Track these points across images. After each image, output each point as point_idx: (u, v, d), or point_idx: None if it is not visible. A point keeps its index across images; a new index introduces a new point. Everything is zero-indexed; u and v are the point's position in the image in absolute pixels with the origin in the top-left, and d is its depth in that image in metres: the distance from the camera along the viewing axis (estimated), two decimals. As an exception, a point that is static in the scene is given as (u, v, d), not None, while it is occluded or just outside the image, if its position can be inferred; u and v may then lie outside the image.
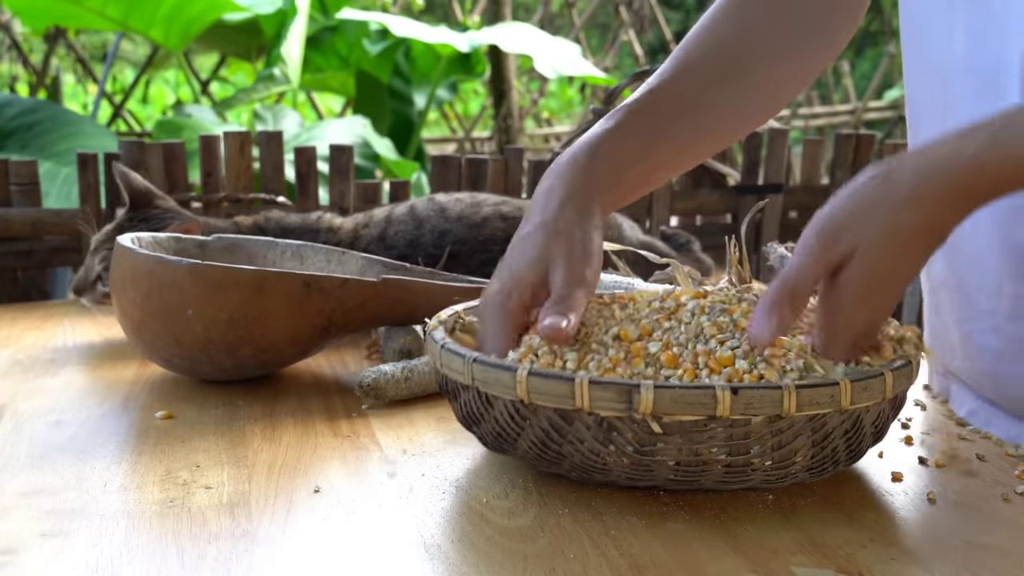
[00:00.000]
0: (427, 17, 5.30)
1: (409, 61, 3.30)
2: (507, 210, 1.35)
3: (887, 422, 0.79)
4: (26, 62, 3.49)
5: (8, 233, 1.59)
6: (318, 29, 3.18)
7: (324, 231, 1.35)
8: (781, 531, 0.72)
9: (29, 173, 1.61)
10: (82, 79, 4.42)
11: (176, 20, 2.72)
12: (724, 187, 1.84)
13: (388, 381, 0.99)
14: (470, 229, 1.32)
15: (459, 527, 0.73)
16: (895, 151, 1.92)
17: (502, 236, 1.31)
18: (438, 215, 1.33)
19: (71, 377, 1.11)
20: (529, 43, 3.07)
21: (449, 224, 1.32)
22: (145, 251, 1.02)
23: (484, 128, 4.40)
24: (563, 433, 0.74)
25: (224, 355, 1.02)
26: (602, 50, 4.89)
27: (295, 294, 1.01)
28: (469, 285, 1.09)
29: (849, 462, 0.78)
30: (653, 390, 0.70)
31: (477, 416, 0.79)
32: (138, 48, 5.61)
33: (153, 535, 0.72)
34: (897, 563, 0.67)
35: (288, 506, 0.77)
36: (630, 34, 4.23)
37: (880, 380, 0.73)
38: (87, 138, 2.39)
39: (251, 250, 1.21)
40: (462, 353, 0.78)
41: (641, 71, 1.83)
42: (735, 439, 0.72)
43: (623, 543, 0.70)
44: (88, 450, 0.89)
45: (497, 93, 3.77)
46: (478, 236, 1.32)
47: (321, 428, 0.94)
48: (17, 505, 0.78)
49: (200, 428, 0.94)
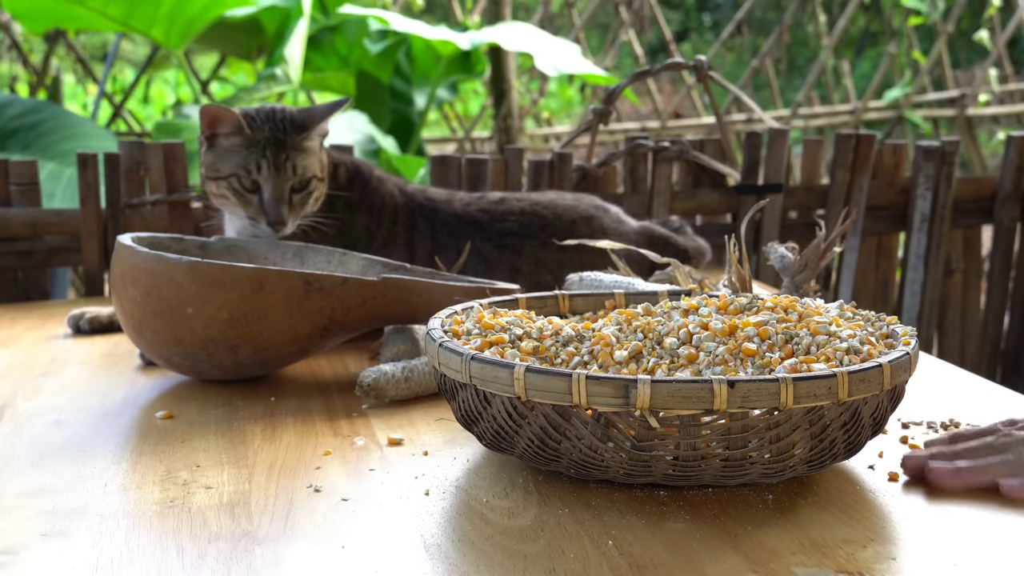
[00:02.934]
0: (427, 17, 5.30)
1: (409, 61, 3.30)
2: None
3: (886, 414, 0.79)
4: (26, 62, 3.49)
5: (8, 233, 1.59)
6: (318, 29, 3.18)
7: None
8: (781, 531, 0.72)
9: (29, 173, 1.61)
10: (82, 79, 4.42)
11: (177, 18, 2.72)
12: (724, 187, 1.83)
13: (388, 381, 0.99)
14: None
15: (459, 527, 0.73)
16: (895, 151, 1.92)
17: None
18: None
19: (71, 377, 1.11)
20: (529, 42, 3.06)
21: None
22: (145, 249, 1.02)
23: (484, 128, 4.40)
24: (561, 430, 0.74)
25: (224, 353, 1.02)
26: (602, 50, 4.89)
27: (295, 293, 1.01)
28: (469, 285, 1.09)
29: (848, 455, 0.78)
30: (650, 385, 0.70)
31: (476, 415, 0.79)
32: (138, 48, 5.61)
33: (153, 535, 0.72)
34: (897, 563, 0.67)
35: (288, 506, 0.77)
36: (630, 34, 4.23)
37: (878, 372, 0.73)
38: (88, 139, 2.39)
39: (252, 251, 1.21)
40: (459, 351, 0.78)
41: (641, 71, 1.83)
42: (733, 433, 0.72)
43: (623, 543, 0.70)
44: (88, 450, 0.89)
45: (497, 93, 3.77)
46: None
47: (321, 428, 0.94)
48: (17, 505, 0.78)
49: (200, 428, 0.94)
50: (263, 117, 1.24)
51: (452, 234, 1.32)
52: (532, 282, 1.31)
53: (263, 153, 1.22)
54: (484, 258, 1.31)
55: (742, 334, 0.79)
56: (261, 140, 1.22)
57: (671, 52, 4.33)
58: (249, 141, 1.22)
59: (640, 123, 4.34)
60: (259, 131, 1.23)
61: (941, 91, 4.95)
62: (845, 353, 0.77)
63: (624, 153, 1.79)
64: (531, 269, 1.31)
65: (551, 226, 1.33)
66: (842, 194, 1.88)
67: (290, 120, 1.25)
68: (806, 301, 0.88)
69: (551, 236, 1.32)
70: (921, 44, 5.22)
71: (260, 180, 1.22)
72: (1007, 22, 4.84)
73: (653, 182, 1.80)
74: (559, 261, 1.31)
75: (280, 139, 1.23)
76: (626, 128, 4.16)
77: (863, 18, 7.51)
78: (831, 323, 0.81)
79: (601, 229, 1.35)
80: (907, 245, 1.94)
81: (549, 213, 1.35)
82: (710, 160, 1.81)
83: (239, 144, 1.23)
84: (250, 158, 1.22)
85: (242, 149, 1.22)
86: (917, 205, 1.91)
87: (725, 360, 0.77)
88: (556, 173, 1.74)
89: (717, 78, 1.86)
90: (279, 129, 1.24)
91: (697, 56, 1.83)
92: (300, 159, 1.24)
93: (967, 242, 2.02)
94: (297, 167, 1.23)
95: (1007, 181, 1.94)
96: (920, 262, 1.93)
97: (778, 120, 4.41)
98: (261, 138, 1.22)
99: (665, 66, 1.81)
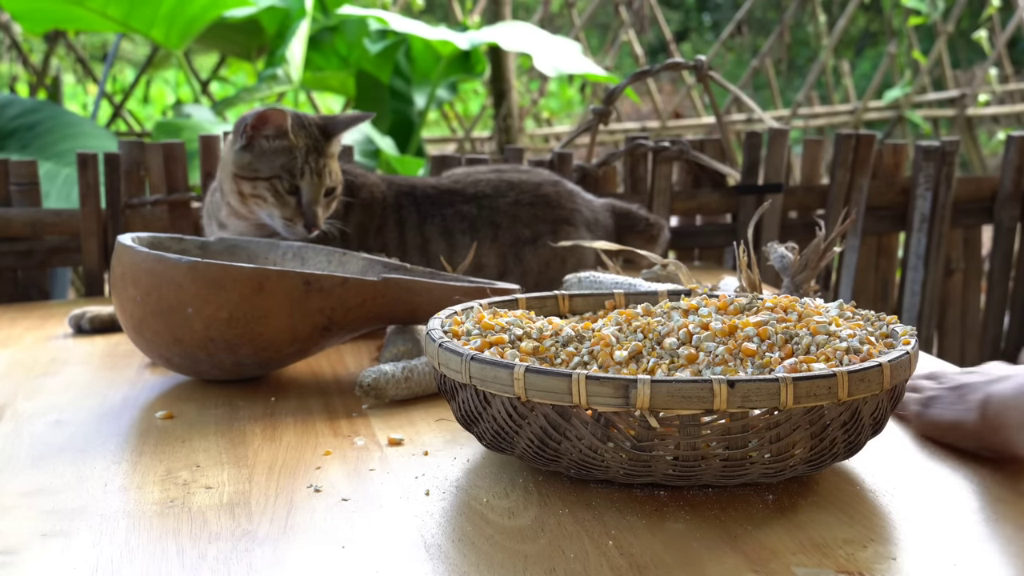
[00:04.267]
0: (427, 17, 5.30)
1: (409, 61, 3.30)
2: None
3: (886, 413, 0.79)
4: (26, 62, 3.49)
5: (8, 233, 1.59)
6: (318, 29, 3.17)
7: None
8: (781, 531, 0.72)
9: (29, 173, 1.61)
10: (82, 79, 4.42)
11: (177, 18, 2.72)
12: (724, 187, 1.83)
13: (388, 381, 0.99)
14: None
15: (459, 527, 0.73)
16: (895, 151, 1.92)
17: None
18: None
19: (71, 377, 1.11)
20: (529, 41, 3.06)
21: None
22: (145, 249, 1.02)
23: (484, 128, 4.39)
24: (561, 430, 0.74)
25: (224, 353, 1.02)
26: (602, 50, 4.89)
27: (295, 293, 1.01)
28: (469, 285, 1.09)
29: (848, 454, 0.78)
30: (650, 385, 0.70)
31: (476, 415, 0.79)
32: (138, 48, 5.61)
33: (153, 535, 0.72)
34: (897, 563, 0.67)
35: (288, 506, 0.77)
36: (630, 34, 4.23)
37: (877, 371, 0.73)
38: (87, 138, 2.39)
39: (252, 251, 1.21)
40: (459, 352, 0.78)
41: (641, 71, 1.83)
42: (733, 433, 0.72)
43: (623, 543, 0.70)
44: (88, 450, 0.89)
45: (497, 93, 3.77)
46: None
47: (321, 428, 0.94)
48: (17, 505, 0.78)
49: (200, 428, 0.94)
50: (298, 123, 1.28)
51: (434, 203, 1.40)
52: (513, 236, 1.40)
53: (305, 158, 1.26)
54: (466, 217, 1.39)
55: (742, 334, 0.79)
56: (303, 145, 1.27)
57: (671, 52, 4.33)
58: (293, 145, 1.26)
59: (640, 123, 4.34)
60: (300, 136, 1.27)
61: (941, 91, 4.95)
62: (845, 353, 0.77)
63: (624, 153, 1.79)
64: (509, 224, 1.40)
65: (519, 186, 1.43)
66: (842, 194, 1.88)
67: (319, 127, 1.30)
68: (806, 301, 0.88)
69: (521, 194, 1.42)
70: (921, 44, 5.22)
71: (302, 184, 1.26)
72: (1007, 22, 4.84)
73: (653, 182, 1.80)
74: (534, 216, 1.41)
75: (317, 145, 1.28)
76: (626, 128, 4.16)
77: (863, 18, 7.51)
78: (831, 323, 0.81)
79: (568, 191, 1.47)
80: (907, 245, 1.94)
81: (515, 177, 1.46)
82: (710, 160, 1.81)
83: (283, 147, 1.26)
84: (294, 161, 1.26)
85: (286, 152, 1.26)
86: (917, 205, 1.91)
87: (725, 360, 0.77)
88: (556, 173, 1.74)
89: (717, 78, 1.86)
90: (312, 136, 1.28)
91: (697, 56, 1.83)
92: (331, 165, 1.29)
93: (967, 242, 2.02)
94: (331, 173, 1.29)
95: (1007, 181, 1.94)
96: (920, 262, 1.93)
97: (778, 120, 4.41)
98: (303, 143, 1.27)
99: (665, 66, 1.81)
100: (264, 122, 1.25)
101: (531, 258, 1.39)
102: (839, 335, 0.79)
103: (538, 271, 1.39)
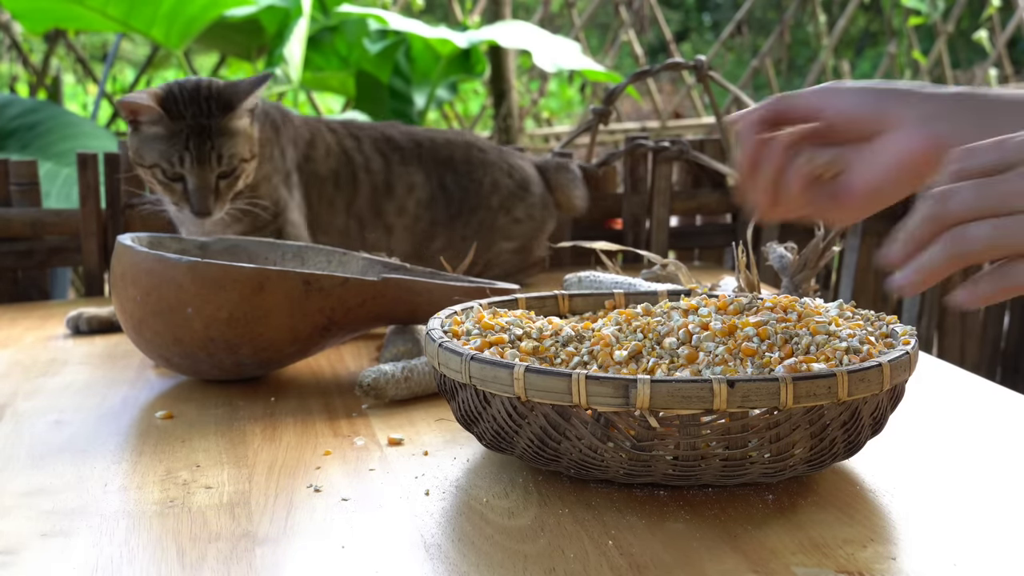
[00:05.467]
0: (427, 17, 5.29)
1: (409, 61, 3.30)
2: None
3: (886, 413, 0.79)
4: (26, 62, 3.49)
5: (8, 233, 1.59)
6: (318, 29, 3.17)
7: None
8: (781, 531, 0.72)
9: (29, 173, 1.60)
10: (82, 79, 4.42)
11: (177, 18, 2.72)
12: (724, 187, 1.83)
13: (388, 381, 0.99)
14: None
15: (459, 527, 0.73)
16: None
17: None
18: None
19: (71, 377, 1.11)
20: (528, 39, 3.06)
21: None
22: (145, 249, 1.02)
23: (484, 128, 4.39)
24: (561, 430, 0.74)
25: (224, 354, 1.02)
26: (602, 50, 4.89)
27: (295, 293, 1.01)
28: (469, 285, 1.09)
29: (848, 454, 0.78)
30: (650, 384, 0.70)
31: (475, 415, 0.79)
32: (138, 48, 5.61)
33: (153, 535, 0.72)
34: (897, 563, 0.67)
35: (288, 506, 0.77)
36: (630, 34, 4.23)
37: (878, 371, 0.73)
38: (87, 138, 2.39)
39: (252, 251, 1.21)
40: (459, 351, 0.78)
41: (641, 71, 1.83)
42: (733, 432, 0.72)
43: (623, 543, 0.70)
44: (88, 450, 0.89)
45: (497, 93, 3.77)
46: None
47: (321, 428, 0.94)
48: (17, 505, 0.78)
49: (200, 428, 0.94)
50: (186, 98, 1.18)
51: (378, 151, 1.41)
52: (462, 184, 1.45)
53: (186, 144, 1.17)
54: (401, 152, 1.41)
55: (742, 334, 0.79)
56: (184, 129, 1.17)
57: (671, 52, 4.33)
58: (171, 130, 1.18)
59: (640, 123, 4.34)
60: (180, 118, 1.18)
61: (941, 91, 4.94)
62: (845, 353, 0.77)
63: (624, 153, 1.79)
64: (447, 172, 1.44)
65: (445, 146, 1.46)
66: (842, 194, 1.87)
67: (216, 98, 1.20)
68: (805, 301, 0.88)
69: (443, 149, 1.45)
70: (921, 44, 5.22)
71: (184, 172, 1.18)
72: (1007, 22, 4.84)
73: (653, 182, 1.79)
74: (467, 160, 1.46)
75: (204, 124, 1.18)
76: (626, 128, 4.16)
77: (863, 18, 7.51)
78: (831, 323, 0.81)
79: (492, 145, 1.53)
80: (907, 245, 1.94)
81: (440, 136, 1.48)
82: (710, 160, 1.81)
83: (161, 133, 1.18)
84: (172, 150, 1.17)
85: (164, 139, 1.18)
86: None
87: (725, 360, 0.77)
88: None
89: (717, 78, 1.85)
90: (203, 113, 1.18)
91: (697, 56, 1.83)
92: (227, 145, 1.19)
93: (967, 242, 2.01)
94: (223, 156, 1.19)
95: (1007, 181, 1.94)
96: (920, 262, 1.92)
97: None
98: (184, 126, 1.17)
99: (665, 66, 1.81)
100: (134, 112, 1.18)
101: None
102: (839, 335, 0.79)
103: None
